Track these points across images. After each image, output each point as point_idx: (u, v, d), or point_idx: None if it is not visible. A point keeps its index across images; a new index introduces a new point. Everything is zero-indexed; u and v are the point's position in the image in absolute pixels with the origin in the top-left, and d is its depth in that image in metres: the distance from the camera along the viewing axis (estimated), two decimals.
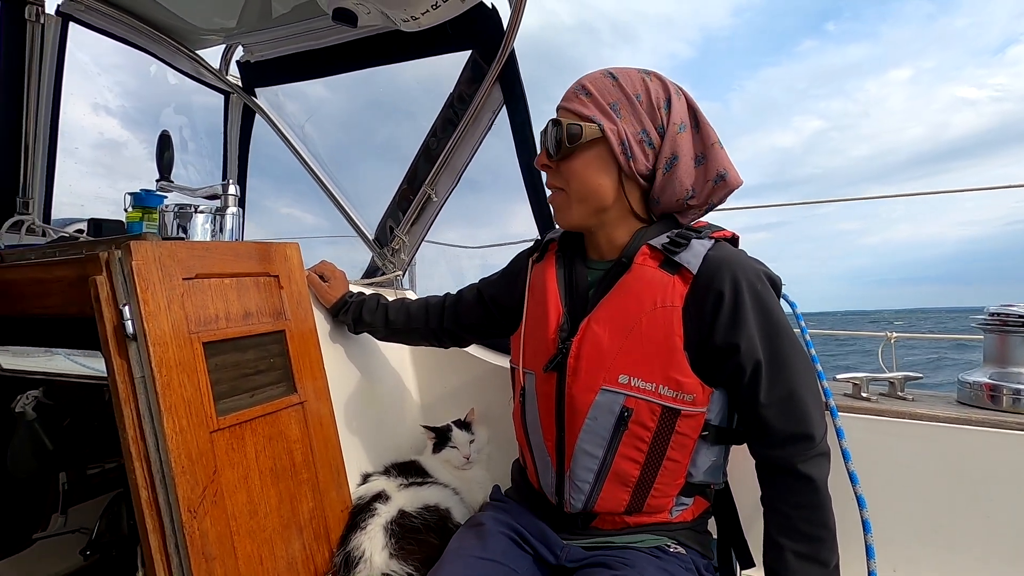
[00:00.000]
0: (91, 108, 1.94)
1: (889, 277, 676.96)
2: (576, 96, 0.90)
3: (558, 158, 0.91)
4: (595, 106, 0.88)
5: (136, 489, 0.84)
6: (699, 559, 0.93)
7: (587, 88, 0.89)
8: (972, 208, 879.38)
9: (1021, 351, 1.15)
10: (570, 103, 0.90)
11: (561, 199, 0.94)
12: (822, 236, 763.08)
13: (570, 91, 0.91)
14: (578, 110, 0.89)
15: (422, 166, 1.62)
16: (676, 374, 0.84)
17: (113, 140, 2.13)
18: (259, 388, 1.03)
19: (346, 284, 1.34)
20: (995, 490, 1.07)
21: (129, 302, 0.85)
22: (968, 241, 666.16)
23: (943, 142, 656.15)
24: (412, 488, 1.21)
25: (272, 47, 1.72)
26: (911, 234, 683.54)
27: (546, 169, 0.95)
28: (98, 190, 1.94)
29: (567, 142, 0.89)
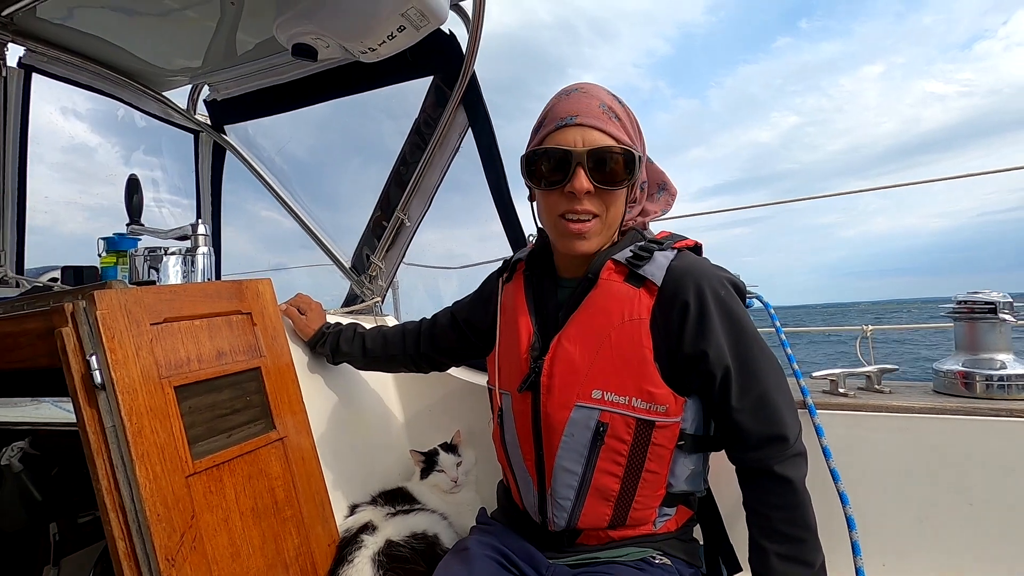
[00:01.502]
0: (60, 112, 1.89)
1: (867, 269, 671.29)
2: (608, 118, 0.86)
3: (610, 187, 0.85)
4: (625, 131, 0.87)
5: (112, 541, 0.83)
6: (686, 568, 0.93)
7: (614, 110, 0.87)
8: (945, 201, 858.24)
9: (990, 337, 1.17)
10: (604, 124, 0.85)
11: (595, 227, 0.88)
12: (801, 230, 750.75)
13: (594, 108, 0.86)
14: (616, 134, 0.85)
15: (393, 192, 1.64)
16: (648, 386, 0.85)
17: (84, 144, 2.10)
18: (236, 427, 1.03)
19: (323, 316, 1.34)
20: (975, 476, 1.09)
21: (96, 352, 0.84)
22: (942, 233, 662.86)
23: (915, 136, 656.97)
24: (399, 516, 1.20)
25: (238, 84, 1.73)
26: (888, 227, 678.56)
27: (584, 194, 0.85)
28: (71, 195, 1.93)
29: (627, 172, 0.85)
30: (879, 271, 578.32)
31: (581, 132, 0.84)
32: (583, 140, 0.84)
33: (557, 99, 0.90)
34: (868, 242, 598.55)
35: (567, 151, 0.84)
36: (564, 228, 0.88)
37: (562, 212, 0.87)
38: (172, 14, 1.47)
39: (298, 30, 1.21)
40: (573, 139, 0.84)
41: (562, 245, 0.91)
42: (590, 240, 0.88)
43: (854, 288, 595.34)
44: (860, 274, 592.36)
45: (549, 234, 0.95)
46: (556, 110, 0.88)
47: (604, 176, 0.84)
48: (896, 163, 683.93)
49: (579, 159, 0.84)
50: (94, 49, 1.62)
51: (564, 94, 0.90)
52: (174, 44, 1.63)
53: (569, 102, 0.87)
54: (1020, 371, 1.12)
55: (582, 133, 0.84)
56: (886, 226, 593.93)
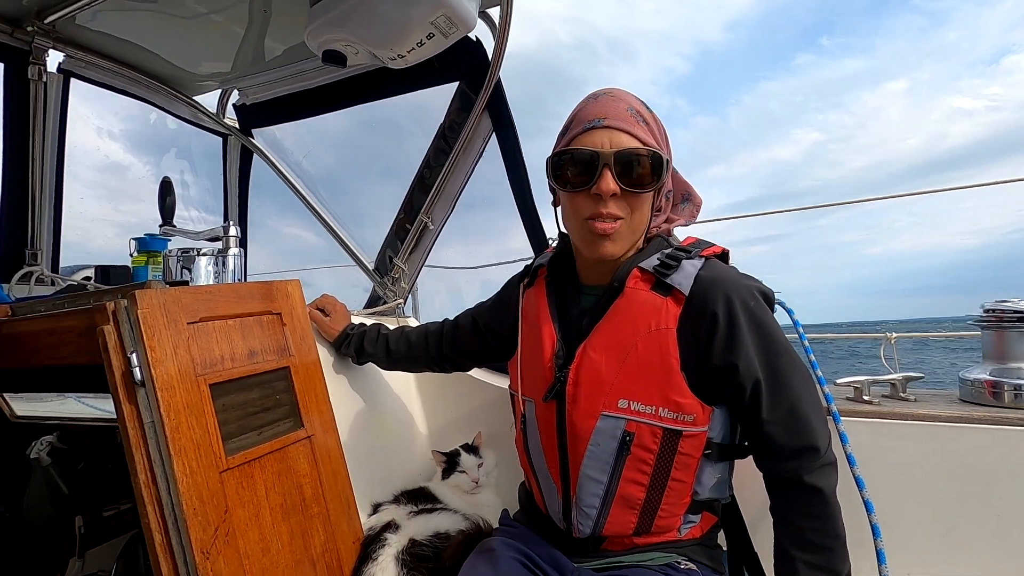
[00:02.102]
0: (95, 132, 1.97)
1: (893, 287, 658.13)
2: (636, 122, 0.86)
3: (638, 189, 0.85)
4: (652, 136, 0.87)
5: (150, 533, 0.86)
6: (710, 574, 0.93)
7: (641, 114, 0.87)
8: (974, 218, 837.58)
9: (1019, 346, 1.16)
10: (632, 128, 0.85)
11: (621, 230, 0.87)
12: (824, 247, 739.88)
13: (622, 111, 0.86)
14: (643, 138, 0.85)
15: (417, 196, 1.66)
16: (675, 396, 0.85)
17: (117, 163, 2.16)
18: (266, 425, 1.05)
19: (347, 317, 1.36)
20: (1003, 487, 1.07)
21: (136, 349, 0.87)
22: (971, 251, 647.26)
23: (941, 152, 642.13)
24: (422, 515, 1.22)
25: (266, 89, 1.77)
26: (914, 244, 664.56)
27: (610, 196, 0.85)
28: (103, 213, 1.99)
29: (654, 175, 0.85)
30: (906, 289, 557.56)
31: (609, 134, 0.85)
32: (610, 142, 0.84)
33: (585, 103, 0.90)
34: (894, 260, 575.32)
35: (594, 152, 0.84)
36: (590, 229, 0.87)
37: (588, 215, 0.87)
38: (202, 18, 1.51)
39: (329, 37, 1.24)
40: (600, 141, 0.84)
41: (588, 249, 0.90)
42: (616, 243, 0.88)
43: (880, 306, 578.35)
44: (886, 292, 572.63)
45: (574, 238, 0.94)
46: (584, 113, 0.88)
47: (631, 179, 0.84)
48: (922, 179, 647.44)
49: (606, 160, 0.84)
50: (129, 54, 1.67)
51: (592, 98, 0.90)
52: (204, 49, 1.67)
53: (597, 105, 0.88)
54: None
55: (610, 135, 0.84)
56: (913, 243, 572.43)
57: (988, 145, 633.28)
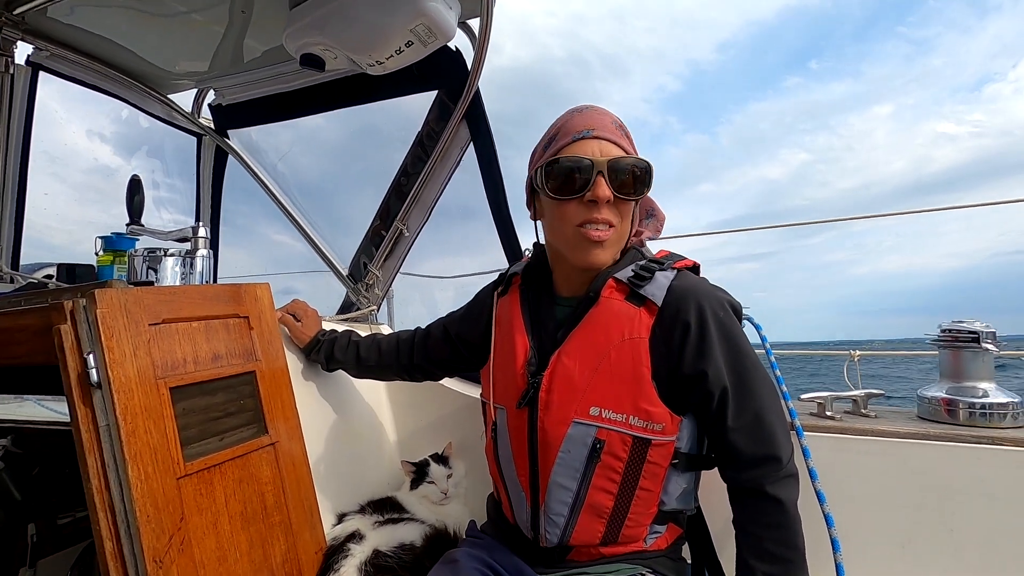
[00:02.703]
0: (85, 134, 1.96)
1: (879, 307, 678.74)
2: (621, 134, 0.90)
3: (629, 198, 0.89)
4: (633, 148, 0.91)
5: (100, 540, 0.83)
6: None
7: (622, 126, 0.91)
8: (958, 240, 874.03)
9: (973, 365, 1.20)
10: (619, 139, 0.90)
11: (612, 237, 0.90)
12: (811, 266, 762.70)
13: (608, 124, 0.90)
14: (629, 149, 0.90)
15: (393, 202, 1.66)
16: (645, 404, 0.86)
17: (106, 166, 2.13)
18: (229, 431, 1.03)
19: (319, 322, 1.34)
20: (957, 503, 1.10)
21: (94, 350, 0.85)
22: (954, 273, 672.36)
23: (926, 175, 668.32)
24: (387, 526, 1.20)
25: (243, 90, 1.75)
26: (899, 265, 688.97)
27: (604, 203, 0.88)
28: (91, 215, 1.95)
29: (647, 183, 0.89)
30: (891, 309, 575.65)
31: (599, 144, 0.88)
32: (600, 151, 0.88)
33: (569, 115, 0.93)
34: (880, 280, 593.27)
35: (589, 160, 0.87)
36: (584, 236, 0.89)
37: (581, 222, 0.89)
38: (180, 17, 1.48)
39: (307, 40, 1.24)
40: (592, 150, 0.88)
41: (579, 257, 0.91)
42: (607, 250, 0.91)
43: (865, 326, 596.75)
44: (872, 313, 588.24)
45: (562, 247, 0.94)
46: (570, 124, 0.91)
47: (622, 186, 0.87)
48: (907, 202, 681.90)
49: (600, 168, 0.87)
50: (101, 49, 1.64)
51: (576, 111, 0.93)
52: (181, 47, 1.64)
53: (583, 117, 0.91)
54: (1002, 400, 1.14)
55: (599, 145, 0.88)
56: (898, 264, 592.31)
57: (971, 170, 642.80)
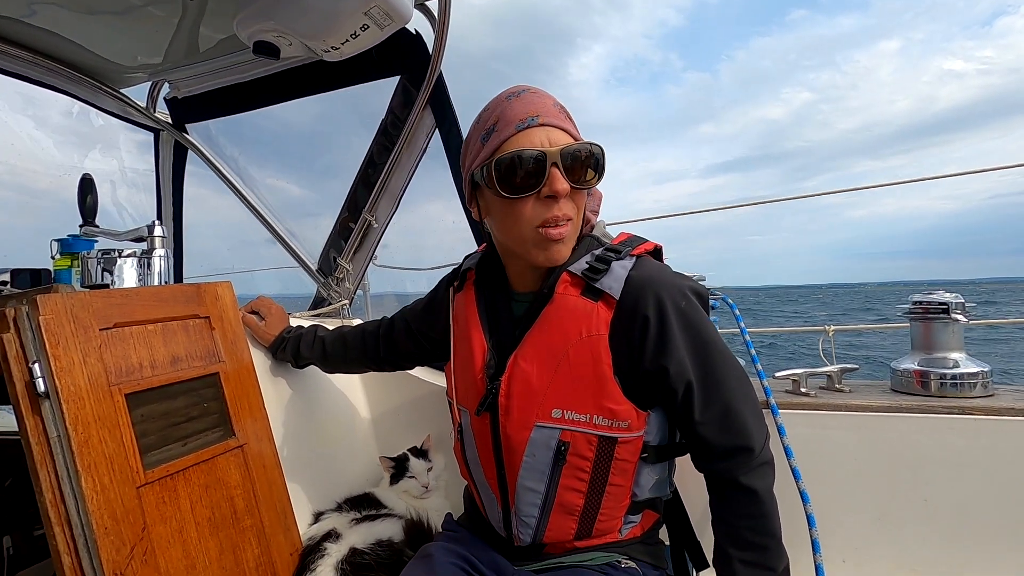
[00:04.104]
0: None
1: (874, 251, 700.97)
2: (564, 117, 0.83)
3: (583, 186, 0.82)
4: (576, 128, 0.84)
5: (58, 556, 0.80)
6: (651, 571, 0.93)
7: (564, 108, 0.84)
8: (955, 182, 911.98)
9: (943, 336, 1.21)
10: (564, 123, 0.82)
11: (571, 231, 0.84)
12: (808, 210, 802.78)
13: (550, 107, 0.83)
14: (575, 133, 0.83)
15: (360, 193, 1.61)
16: (609, 403, 0.83)
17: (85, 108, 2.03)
18: (192, 435, 1.00)
19: (285, 319, 1.31)
20: (930, 473, 1.12)
21: (39, 359, 0.81)
22: (951, 215, 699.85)
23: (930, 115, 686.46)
24: (365, 523, 1.18)
25: (199, 82, 1.69)
26: (896, 208, 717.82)
27: (563, 197, 0.81)
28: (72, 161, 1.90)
29: (596, 169, 0.82)
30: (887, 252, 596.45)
31: (546, 132, 0.80)
32: (550, 140, 0.80)
33: (505, 102, 0.84)
34: (876, 223, 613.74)
35: (542, 152, 0.79)
36: (545, 236, 0.82)
37: (541, 222, 0.81)
38: (132, 11, 1.42)
39: (258, 27, 1.18)
40: (540, 140, 0.80)
41: (541, 257, 0.84)
42: (567, 245, 0.84)
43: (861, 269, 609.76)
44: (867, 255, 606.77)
45: (517, 248, 0.87)
46: (510, 113, 0.82)
47: (577, 176, 0.81)
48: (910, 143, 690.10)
49: (554, 159, 0.79)
50: (47, 45, 1.56)
51: (513, 96, 0.84)
52: (133, 40, 1.57)
53: (523, 103, 0.82)
54: (972, 369, 1.16)
55: (547, 133, 0.80)
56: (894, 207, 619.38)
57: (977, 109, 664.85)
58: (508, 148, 0.81)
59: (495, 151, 0.82)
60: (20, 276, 1.50)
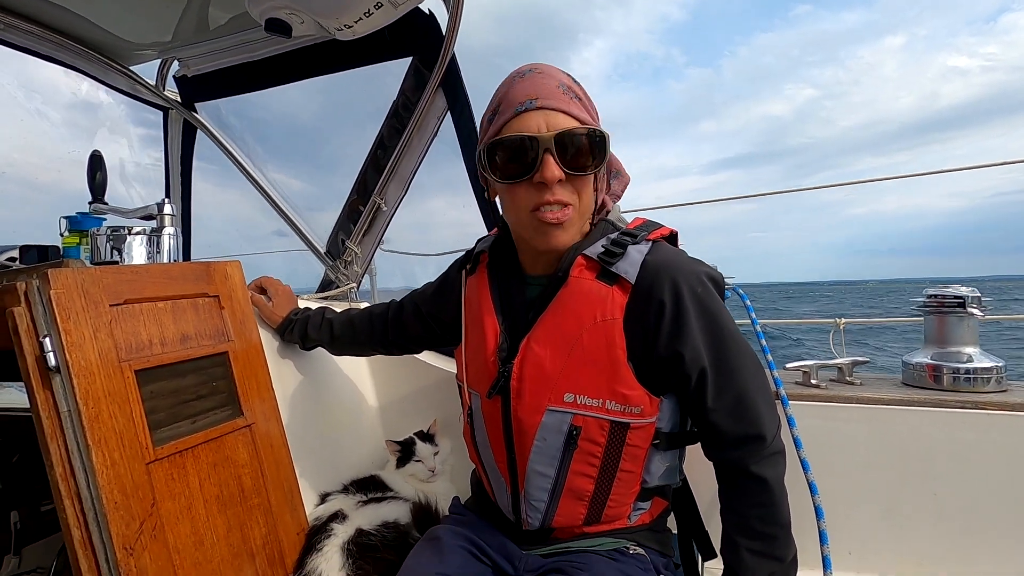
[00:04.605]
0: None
1: (876, 248, 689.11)
2: (569, 99, 0.80)
3: (582, 172, 0.80)
4: (587, 111, 0.81)
5: (67, 529, 0.80)
6: (659, 558, 0.93)
7: (573, 89, 0.82)
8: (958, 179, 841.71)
9: (958, 330, 1.19)
10: (567, 106, 0.80)
11: (572, 216, 0.82)
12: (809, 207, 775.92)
13: (553, 89, 0.80)
14: (579, 115, 0.80)
15: (370, 176, 1.60)
16: (622, 388, 0.82)
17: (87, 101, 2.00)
18: (201, 413, 1.00)
19: (292, 300, 1.30)
20: (941, 467, 1.11)
21: (50, 333, 0.80)
22: (954, 213, 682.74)
23: (934, 112, 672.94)
24: (371, 505, 1.18)
25: (209, 60, 1.67)
26: (898, 205, 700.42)
27: (554, 184, 0.79)
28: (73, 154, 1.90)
29: (599, 155, 0.80)
30: (889, 250, 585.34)
31: (544, 116, 0.78)
32: (547, 125, 0.78)
33: (510, 82, 0.83)
34: (878, 221, 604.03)
35: (533, 138, 0.78)
36: (540, 220, 0.81)
37: (534, 206, 0.80)
38: None
39: (271, 4, 1.17)
40: (536, 124, 0.78)
41: (539, 241, 0.84)
42: (567, 231, 0.83)
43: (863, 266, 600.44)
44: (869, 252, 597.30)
45: (521, 231, 0.88)
46: (511, 94, 0.81)
47: (574, 161, 0.79)
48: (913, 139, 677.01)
49: (546, 145, 0.77)
50: (57, 20, 1.55)
51: (518, 76, 0.83)
52: (143, 16, 1.56)
53: (524, 84, 0.81)
54: (986, 364, 1.14)
55: (545, 117, 0.78)
56: (896, 205, 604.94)
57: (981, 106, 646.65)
58: (506, 131, 0.80)
59: (496, 133, 0.82)
60: (29, 253, 1.50)
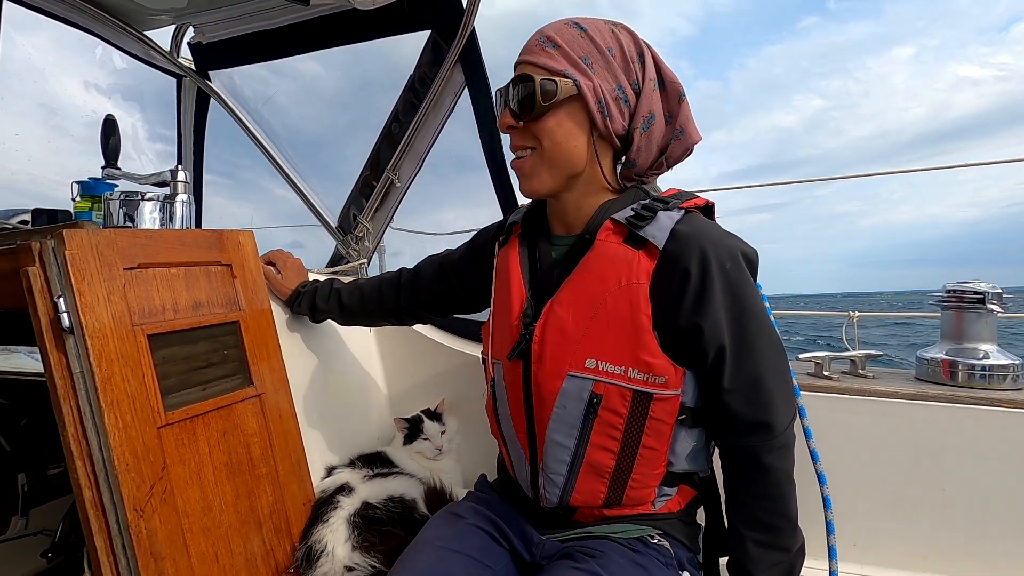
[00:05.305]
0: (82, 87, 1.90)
1: (891, 259, 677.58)
2: (542, 48, 0.81)
3: (530, 118, 0.83)
4: (565, 59, 0.81)
5: (79, 489, 0.80)
6: (683, 552, 0.89)
7: (553, 39, 0.81)
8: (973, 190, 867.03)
9: (976, 327, 1.18)
10: (535, 56, 0.82)
11: (531, 163, 0.85)
12: (822, 217, 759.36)
13: (533, 42, 0.83)
14: (547, 64, 0.81)
15: (384, 151, 1.58)
16: (646, 356, 0.79)
17: None
18: (212, 381, 1.00)
19: (302, 273, 1.29)
20: (951, 463, 1.10)
21: (64, 294, 0.80)
22: (970, 223, 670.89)
23: (945, 122, 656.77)
24: (377, 479, 1.19)
25: (224, 27, 1.65)
26: (912, 216, 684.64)
27: (510, 131, 0.86)
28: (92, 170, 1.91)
29: (541, 100, 0.80)
30: (904, 261, 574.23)
31: (519, 69, 0.84)
32: None
33: None
34: (892, 231, 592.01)
35: (499, 90, 0.87)
36: (514, 167, 0.89)
37: None
38: None
39: None
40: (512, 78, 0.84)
41: (520, 189, 0.90)
42: (531, 178, 0.85)
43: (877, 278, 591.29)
44: (884, 264, 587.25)
45: None
46: None
47: (521, 108, 0.82)
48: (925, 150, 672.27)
49: (504, 96, 0.85)
50: None
51: None
52: None
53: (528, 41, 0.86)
54: (1003, 361, 1.13)
55: (519, 70, 0.84)
56: (911, 215, 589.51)
57: (994, 116, 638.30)
58: None
59: None
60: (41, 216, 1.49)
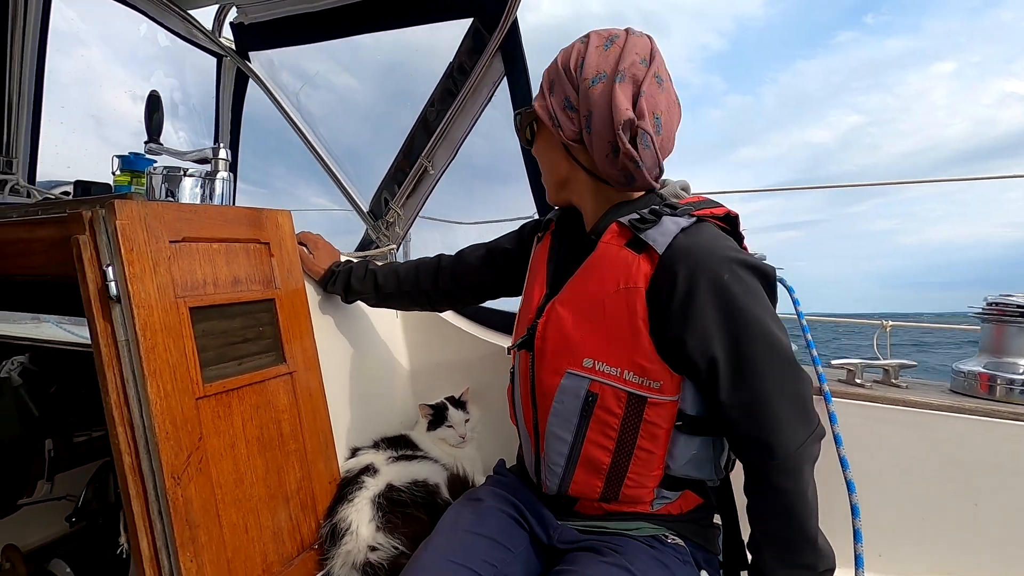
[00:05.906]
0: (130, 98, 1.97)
1: (928, 280, 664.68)
2: (544, 80, 0.93)
3: (528, 146, 0.99)
4: (551, 96, 0.90)
5: (119, 454, 0.83)
6: (700, 552, 0.90)
7: (549, 71, 0.92)
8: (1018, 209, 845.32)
9: (1017, 341, 1.15)
10: (543, 90, 0.93)
11: (546, 180, 0.98)
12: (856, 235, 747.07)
13: (544, 76, 0.94)
14: (537, 101, 0.93)
15: (419, 137, 1.59)
16: (641, 359, 0.80)
17: None
18: (247, 356, 1.01)
19: (334, 255, 1.31)
20: (985, 479, 1.08)
21: (113, 263, 0.82)
22: (1014, 244, 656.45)
23: (990, 138, 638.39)
24: (401, 462, 1.20)
25: (267, 9, 1.66)
26: (950, 235, 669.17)
27: None
28: None
29: (526, 133, 0.97)
30: (941, 283, 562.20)
31: None
32: None
33: None
34: (930, 251, 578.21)
35: None
36: None
37: None
38: None
39: None
40: None
41: None
42: (552, 191, 0.97)
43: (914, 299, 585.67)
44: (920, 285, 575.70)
45: None
46: None
47: (525, 137, 0.98)
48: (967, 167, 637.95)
49: None
50: None
51: None
52: None
53: None
54: None
55: None
56: (950, 234, 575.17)
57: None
58: None
59: None
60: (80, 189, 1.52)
